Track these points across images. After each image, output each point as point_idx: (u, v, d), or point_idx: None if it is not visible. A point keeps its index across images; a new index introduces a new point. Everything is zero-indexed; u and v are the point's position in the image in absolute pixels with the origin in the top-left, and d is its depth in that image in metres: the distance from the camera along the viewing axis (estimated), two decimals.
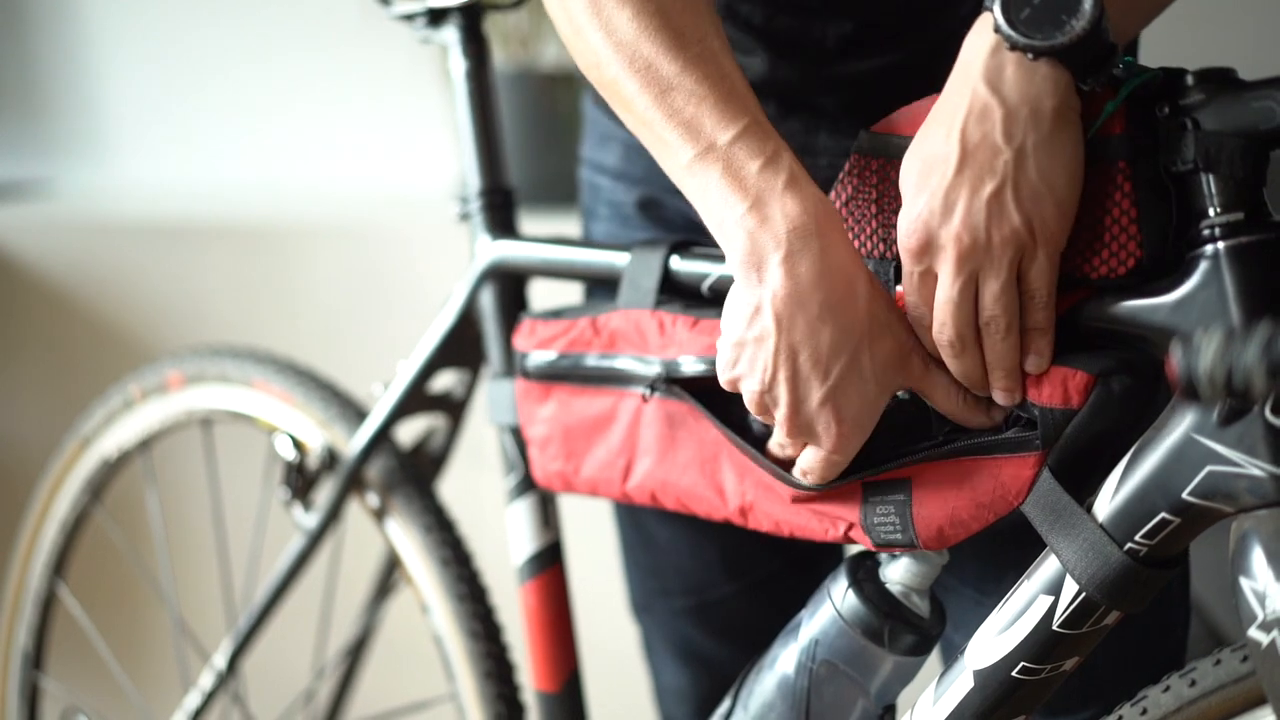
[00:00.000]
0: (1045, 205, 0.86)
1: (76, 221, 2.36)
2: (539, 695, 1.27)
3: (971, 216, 0.86)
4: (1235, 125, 0.83)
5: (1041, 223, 0.86)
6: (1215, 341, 0.74)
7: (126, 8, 2.46)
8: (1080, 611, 0.89)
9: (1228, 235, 0.84)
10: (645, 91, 0.96)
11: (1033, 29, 0.84)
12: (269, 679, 1.74)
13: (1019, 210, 0.86)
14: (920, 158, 0.89)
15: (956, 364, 0.91)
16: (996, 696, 0.93)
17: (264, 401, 1.44)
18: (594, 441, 1.13)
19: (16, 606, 1.63)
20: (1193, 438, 0.83)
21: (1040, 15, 0.84)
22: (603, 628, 1.68)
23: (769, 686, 1.05)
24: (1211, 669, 0.84)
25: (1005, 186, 0.85)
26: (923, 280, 0.90)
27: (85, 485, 1.57)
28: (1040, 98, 0.85)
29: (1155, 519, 0.85)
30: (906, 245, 0.89)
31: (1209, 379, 0.73)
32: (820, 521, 1.00)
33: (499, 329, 1.24)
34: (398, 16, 1.31)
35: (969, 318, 0.89)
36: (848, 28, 1.06)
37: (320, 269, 2.24)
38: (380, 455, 1.36)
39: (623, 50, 0.96)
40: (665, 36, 0.96)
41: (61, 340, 2.34)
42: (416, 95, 2.31)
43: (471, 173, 1.28)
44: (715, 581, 1.28)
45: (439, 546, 1.33)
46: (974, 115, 0.85)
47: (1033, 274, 0.88)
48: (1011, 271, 0.87)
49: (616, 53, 0.97)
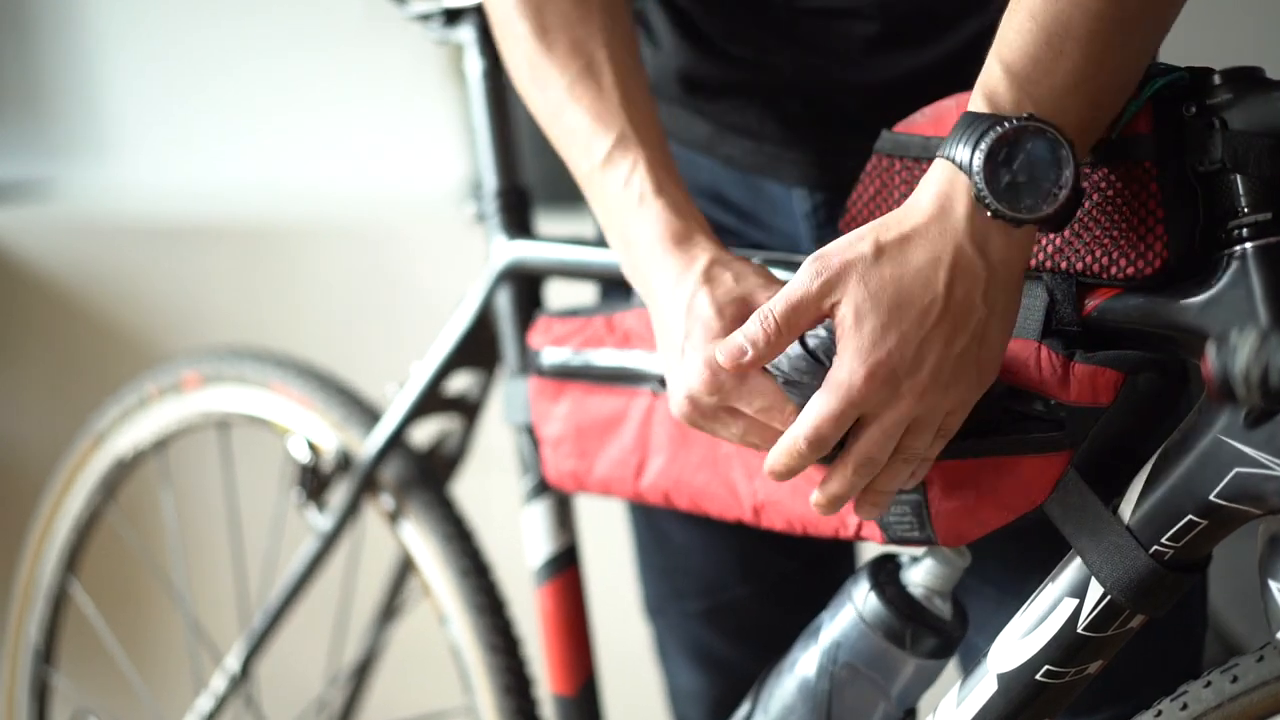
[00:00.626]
0: (991, 368, 0.87)
1: (79, 222, 2.36)
2: (555, 699, 1.27)
3: (939, 374, 0.85)
4: (1263, 124, 0.82)
5: (983, 382, 0.87)
6: (1250, 341, 0.73)
7: (129, 9, 2.46)
8: (1106, 614, 0.88)
9: (1256, 235, 0.83)
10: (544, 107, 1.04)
11: (1019, 199, 0.83)
12: (282, 683, 1.73)
13: (977, 371, 0.86)
14: (894, 281, 0.84)
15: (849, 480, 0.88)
16: (1021, 700, 0.92)
17: (279, 403, 1.43)
18: (607, 440, 1.12)
19: (27, 601, 1.63)
20: (1220, 439, 0.83)
21: (1021, 184, 0.83)
22: (617, 630, 1.67)
23: (789, 689, 1.04)
24: (1254, 665, 0.83)
25: (973, 346, 0.85)
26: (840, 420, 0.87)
27: (100, 484, 1.57)
28: (1017, 261, 0.85)
29: (1182, 521, 0.85)
30: (864, 384, 0.84)
31: (1244, 379, 0.73)
32: (832, 519, 1.00)
33: (515, 329, 1.24)
34: (413, 16, 1.30)
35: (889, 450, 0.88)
36: (873, 30, 1.05)
37: (323, 269, 2.24)
38: (395, 457, 1.35)
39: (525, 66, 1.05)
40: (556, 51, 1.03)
41: (64, 341, 2.34)
42: (421, 95, 2.31)
43: (487, 173, 1.27)
44: (729, 583, 1.27)
45: (458, 556, 1.33)
46: (960, 271, 0.84)
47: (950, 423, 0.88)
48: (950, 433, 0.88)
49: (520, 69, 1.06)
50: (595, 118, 1.00)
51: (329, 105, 2.39)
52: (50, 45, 2.48)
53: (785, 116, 1.10)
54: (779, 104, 1.10)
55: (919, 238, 0.84)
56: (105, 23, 2.46)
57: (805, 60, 1.08)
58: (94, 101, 2.49)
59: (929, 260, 0.84)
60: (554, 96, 1.03)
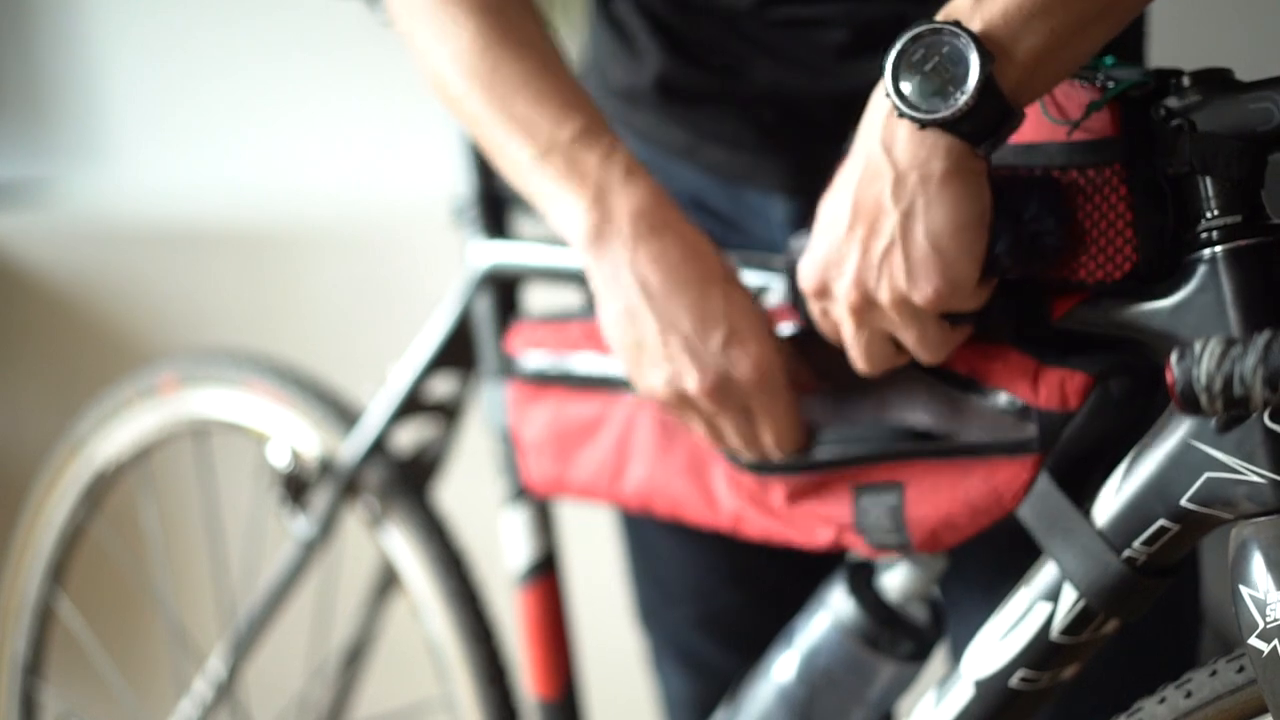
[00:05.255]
0: (932, 267, 0.86)
1: (79, 225, 2.36)
2: (537, 703, 1.27)
3: (861, 274, 0.88)
4: (1232, 127, 0.82)
5: (927, 281, 0.86)
6: (1213, 350, 0.73)
7: (130, 11, 2.45)
8: (1079, 619, 0.88)
9: (1225, 238, 0.83)
10: (490, 102, 1.01)
11: (919, 99, 0.83)
12: (265, 688, 1.73)
13: (906, 273, 0.86)
14: (826, 207, 0.90)
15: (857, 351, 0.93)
16: (997, 704, 0.92)
17: (259, 405, 1.43)
18: (585, 445, 1.12)
19: (13, 614, 1.63)
20: (1191, 444, 0.83)
21: (928, 84, 0.83)
22: (603, 634, 1.67)
23: (766, 695, 1.04)
24: (1208, 680, 0.83)
25: (894, 248, 0.86)
26: (824, 317, 0.93)
27: (82, 494, 1.56)
28: (929, 161, 0.85)
29: (1154, 526, 0.85)
30: (805, 286, 0.92)
31: (1207, 389, 0.73)
32: (808, 528, 0.99)
33: (493, 332, 1.24)
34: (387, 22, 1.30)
35: (885, 360, 0.92)
36: (843, 38, 1.05)
37: (324, 274, 2.24)
38: (376, 462, 1.35)
39: (466, 62, 1.02)
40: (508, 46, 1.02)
41: (63, 345, 2.34)
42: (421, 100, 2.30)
43: (465, 177, 1.27)
44: (719, 591, 1.27)
45: (433, 549, 1.33)
46: (867, 176, 0.86)
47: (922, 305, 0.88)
48: (924, 323, 0.88)
49: (459, 64, 1.02)
50: (563, 102, 1.01)
51: (329, 110, 2.39)
52: (50, 49, 2.48)
53: (761, 125, 1.10)
54: (755, 112, 1.10)
55: (851, 152, 0.89)
56: (105, 27, 2.45)
57: (778, 70, 1.08)
58: (93, 105, 2.48)
59: (848, 169, 0.88)
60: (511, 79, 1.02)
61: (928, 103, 0.83)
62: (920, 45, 0.83)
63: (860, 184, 0.87)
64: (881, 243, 0.86)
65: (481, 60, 1.01)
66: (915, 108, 0.83)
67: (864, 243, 0.87)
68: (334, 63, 2.34)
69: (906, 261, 0.86)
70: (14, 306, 2.32)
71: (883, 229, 0.86)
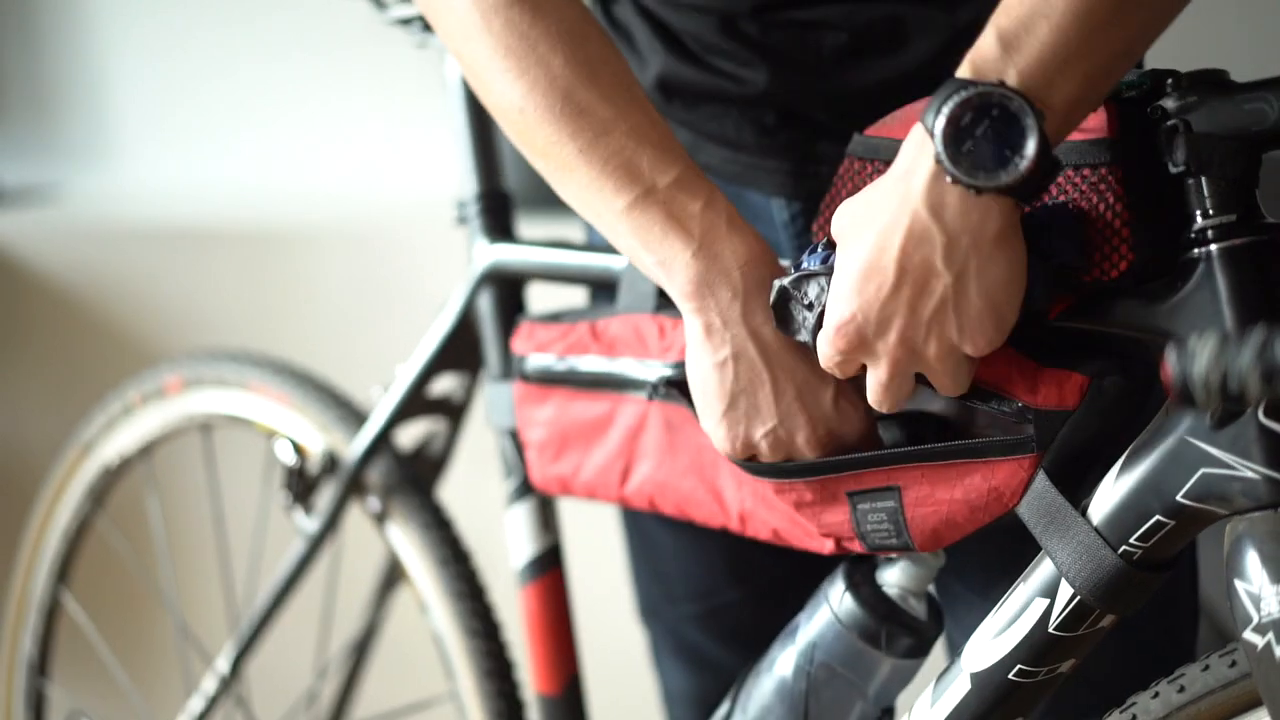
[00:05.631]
0: (986, 322, 0.86)
1: (83, 226, 2.37)
2: (540, 698, 1.28)
3: (908, 333, 0.86)
4: (1227, 127, 0.83)
5: (981, 336, 0.86)
6: (1209, 346, 0.73)
7: (133, 13, 2.46)
8: (1076, 614, 0.89)
9: (1220, 238, 0.83)
10: (578, 136, 0.96)
11: (977, 166, 0.82)
12: (271, 683, 1.74)
13: (958, 329, 0.86)
14: (857, 264, 0.87)
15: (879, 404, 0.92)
16: (994, 699, 0.93)
17: (263, 405, 1.44)
18: (592, 445, 1.13)
19: (21, 614, 1.64)
20: (1187, 440, 0.83)
21: (984, 150, 0.81)
22: (605, 631, 1.68)
23: (767, 690, 1.05)
24: (1200, 674, 0.84)
25: (946, 309, 0.85)
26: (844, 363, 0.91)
27: (87, 493, 1.57)
28: (983, 225, 0.83)
29: (1150, 522, 0.85)
30: (834, 342, 0.89)
31: (1203, 384, 0.73)
32: (811, 533, 1.00)
33: (497, 332, 1.25)
34: (394, 21, 1.31)
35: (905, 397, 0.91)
36: (842, 40, 1.06)
37: (327, 274, 2.24)
38: (380, 459, 1.36)
39: (554, 94, 0.96)
40: (600, 82, 0.97)
41: (68, 345, 2.34)
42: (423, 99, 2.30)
43: (468, 176, 1.28)
44: (722, 587, 1.28)
45: (437, 545, 1.34)
46: (914, 238, 0.84)
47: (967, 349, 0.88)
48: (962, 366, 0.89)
49: (546, 97, 0.96)
50: (662, 145, 0.97)
51: (332, 111, 2.39)
52: (55, 50, 2.48)
53: (761, 126, 1.11)
54: (755, 114, 1.11)
55: (880, 206, 0.85)
56: (109, 29, 2.46)
57: (778, 71, 1.08)
58: (98, 107, 2.48)
59: (886, 227, 0.85)
60: (601, 117, 0.97)
61: (986, 171, 0.82)
62: (968, 109, 0.81)
63: (905, 248, 0.84)
64: (932, 303, 0.85)
65: (569, 99, 0.96)
66: (973, 176, 0.82)
67: (911, 303, 0.85)
68: (335, 63, 2.34)
69: (960, 318, 0.85)
70: (18, 306, 2.33)
71: (934, 290, 0.85)
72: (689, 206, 0.94)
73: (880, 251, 0.85)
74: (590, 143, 0.96)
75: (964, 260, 0.84)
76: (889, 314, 0.86)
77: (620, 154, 0.95)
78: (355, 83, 2.35)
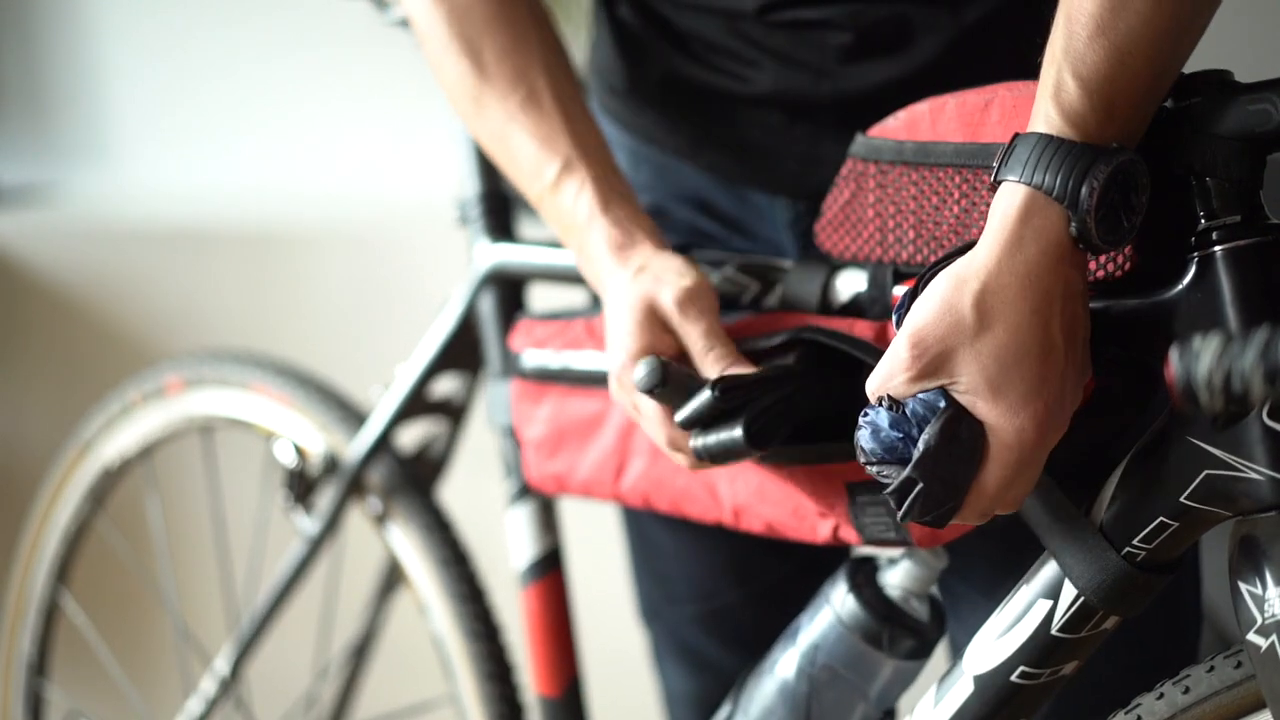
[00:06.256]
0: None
1: (82, 226, 2.37)
2: (540, 700, 1.27)
3: (1074, 392, 0.83)
4: (1232, 128, 0.82)
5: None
6: (1212, 346, 0.73)
7: (133, 13, 2.46)
8: (1079, 616, 0.88)
9: (1225, 238, 0.83)
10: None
11: (1111, 231, 0.81)
12: (271, 684, 1.74)
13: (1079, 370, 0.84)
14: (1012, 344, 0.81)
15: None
16: (996, 701, 0.93)
17: (264, 406, 1.44)
18: (587, 443, 1.13)
19: (20, 614, 1.63)
20: (1190, 441, 0.83)
21: (1114, 217, 0.81)
22: (606, 632, 1.68)
23: (769, 691, 1.04)
24: (1205, 675, 0.84)
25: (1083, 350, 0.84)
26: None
27: (87, 493, 1.57)
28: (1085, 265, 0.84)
29: (1153, 523, 0.85)
30: (1036, 441, 0.82)
31: (1206, 384, 0.73)
32: (807, 522, 1.00)
33: (497, 333, 1.25)
34: (393, 21, 1.30)
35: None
36: (846, 40, 1.06)
37: (327, 274, 2.24)
38: (381, 460, 1.35)
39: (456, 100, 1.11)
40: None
41: (67, 345, 2.34)
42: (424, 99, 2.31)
43: (469, 177, 1.28)
44: (723, 589, 1.28)
45: (437, 547, 1.34)
46: (1067, 300, 0.82)
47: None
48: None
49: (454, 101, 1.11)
50: (541, 143, 1.05)
51: (332, 111, 2.39)
52: (54, 50, 2.48)
53: (765, 126, 1.11)
54: (759, 114, 1.11)
55: (1018, 284, 0.81)
56: (109, 29, 2.46)
57: (782, 71, 1.08)
58: (97, 107, 2.48)
59: (1038, 303, 0.81)
60: (496, 125, 1.07)
61: (1116, 235, 0.81)
62: (1114, 185, 0.80)
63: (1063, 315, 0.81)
64: (1079, 353, 0.83)
65: (476, 101, 1.09)
66: (1106, 240, 0.81)
67: (1077, 365, 0.83)
68: (335, 63, 2.34)
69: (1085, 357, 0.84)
70: (18, 306, 2.33)
71: (1080, 339, 0.83)
72: (562, 206, 1.05)
73: (1043, 330, 0.81)
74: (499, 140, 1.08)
75: (1085, 301, 0.83)
76: (1065, 384, 0.82)
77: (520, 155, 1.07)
78: (355, 83, 2.35)
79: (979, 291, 0.81)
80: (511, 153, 1.07)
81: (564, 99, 1.07)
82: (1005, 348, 0.81)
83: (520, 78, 1.07)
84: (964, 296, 0.81)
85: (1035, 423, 0.81)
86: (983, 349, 0.81)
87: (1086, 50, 0.81)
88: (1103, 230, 0.81)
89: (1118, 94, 0.81)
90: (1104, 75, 0.81)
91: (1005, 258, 0.81)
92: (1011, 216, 0.82)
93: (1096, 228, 0.81)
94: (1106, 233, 0.81)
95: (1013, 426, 0.81)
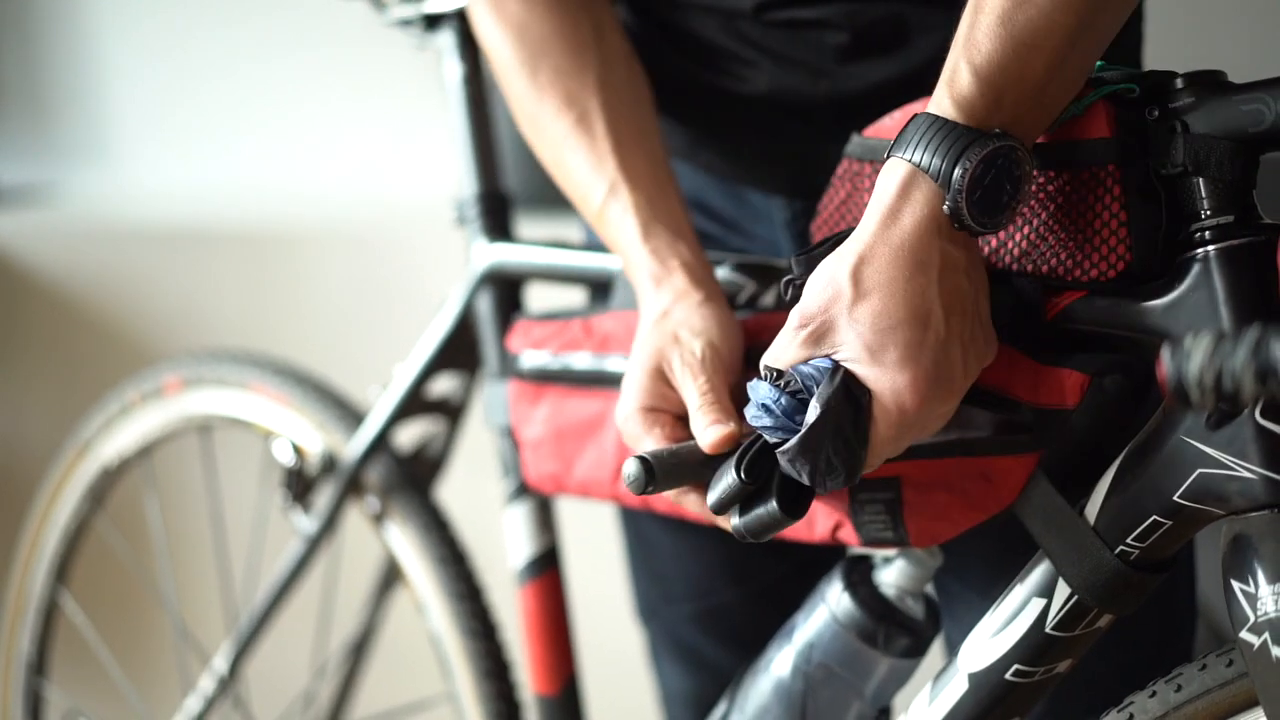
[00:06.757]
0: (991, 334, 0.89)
1: (82, 226, 2.37)
2: (538, 698, 1.28)
3: (968, 365, 0.86)
4: (1225, 128, 0.83)
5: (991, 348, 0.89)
6: (1204, 345, 0.73)
7: (133, 13, 2.46)
8: (1073, 614, 0.89)
9: (1218, 238, 0.83)
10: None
11: (984, 212, 0.84)
12: (269, 683, 1.74)
13: (985, 342, 0.88)
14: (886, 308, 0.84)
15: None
16: (991, 699, 0.93)
17: (262, 405, 1.44)
18: (585, 443, 1.13)
19: (19, 614, 1.64)
20: (1183, 440, 0.83)
21: (990, 197, 0.84)
22: (603, 631, 1.68)
23: (764, 689, 1.05)
24: (1197, 674, 0.84)
25: (977, 325, 0.87)
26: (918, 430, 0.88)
27: (86, 493, 1.57)
28: (975, 241, 0.87)
29: (1147, 522, 0.85)
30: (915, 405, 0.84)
31: (1198, 383, 0.73)
32: (802, 525, 1.00)
33: (494, 332, 1.25)
34: (393, 22, 1.31)
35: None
36: (843, 39, 1.06)
37: (327, 274, 2.24)
38: (379, 460, 1.36)
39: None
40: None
41: (67, 345, 2.35)
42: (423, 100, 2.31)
43: (467, 177, 1.28)
44: (720, 588, 1.28)
45: (435, 545, 1.34)
46: (945, 269, 0.85)
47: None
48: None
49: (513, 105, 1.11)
50: (590, 166, 1.06)
51: (332, 111, 2.40)
52: (54, 50, 2.49)
53: (763, 126, 1.11)
54: (756, 113, 1.11)
55: (893, 254, 0.84)
56: (109, 29, 2.46)
57: (779, 71, 1.08)
58: (97, 107, 2.49)
59: (911, 272, 0.84)
60: (551, 146, 1.08)
61: (990, 217, 0.84)
62: (991, 168, 0.83)
63: (940, 282, 0.84)
64: (970, 325, 0.86)
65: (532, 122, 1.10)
66: (979, 221, 0.84)
67: (962, 337, 0.86)
68: (334, 63, 2.34)
69: (985, 334, 0.88)
70: (18, 306, 2.33)
71: (969, 311, 0.86)
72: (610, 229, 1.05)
73: (920, 297, 0.84)
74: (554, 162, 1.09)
75: (976, 275, 0.86)
76: (952, 351, 0.85)
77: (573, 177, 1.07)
78: (355, 83, 2.35)
79: (855, 263, 0.85)
80: (566, 173, 1.08)
81: (616, 121, 1.07)
82: (879, 314, 0.84)
83: (573, 100, 1.07)
84: (842, 268, 0.85)
85: (913, 387, 0.84)
86: (859, 316, 0.84)
87: (984, 39, 0.85)
88: (975, 211, 0.84)
89: (1009, 83, 0.84)
90: (997, 64, 0.84)
91: (880, 230, 0.85)
92: (890, 191, 0.85)
93: (970, 208, 0.83)
94: (980, 214, 0.84)
95: (890, 389, 0.84)
